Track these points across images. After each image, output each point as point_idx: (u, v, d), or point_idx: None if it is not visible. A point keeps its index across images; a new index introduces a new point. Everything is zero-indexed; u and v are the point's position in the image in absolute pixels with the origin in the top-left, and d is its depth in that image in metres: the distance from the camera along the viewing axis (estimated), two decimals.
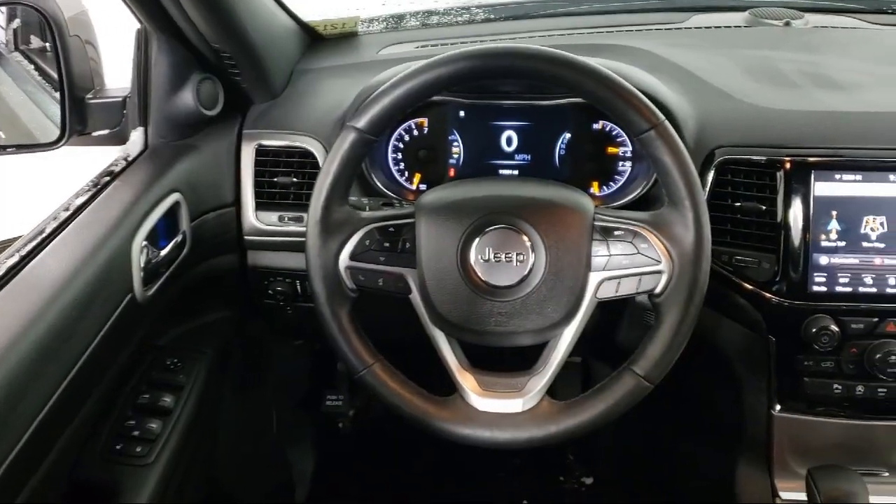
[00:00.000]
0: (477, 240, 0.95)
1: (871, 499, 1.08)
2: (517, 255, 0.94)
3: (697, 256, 0.93)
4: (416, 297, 0.97)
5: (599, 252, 0.95)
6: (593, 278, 0.95)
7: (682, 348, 0.94)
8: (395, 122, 0.97)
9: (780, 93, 1.18)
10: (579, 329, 0.96)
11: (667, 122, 0.93)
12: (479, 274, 0.95)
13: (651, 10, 1.54)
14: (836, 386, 1.09)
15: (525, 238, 0.94)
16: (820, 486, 1.01)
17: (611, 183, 1.21)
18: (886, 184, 1.05)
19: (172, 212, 1.11)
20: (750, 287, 1.08)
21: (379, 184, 1.18)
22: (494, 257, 0.94)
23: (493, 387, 0.97)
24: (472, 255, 0.95)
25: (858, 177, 1.05)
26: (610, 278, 0.95)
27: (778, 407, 1.13)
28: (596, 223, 0.96)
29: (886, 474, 1.16)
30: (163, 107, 1.17)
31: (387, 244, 0.97)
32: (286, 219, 1.20)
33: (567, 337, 0.96)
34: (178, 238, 1.13)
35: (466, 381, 0.97)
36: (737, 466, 1.22)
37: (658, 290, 0.94)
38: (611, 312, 1.21)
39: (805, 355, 1.08)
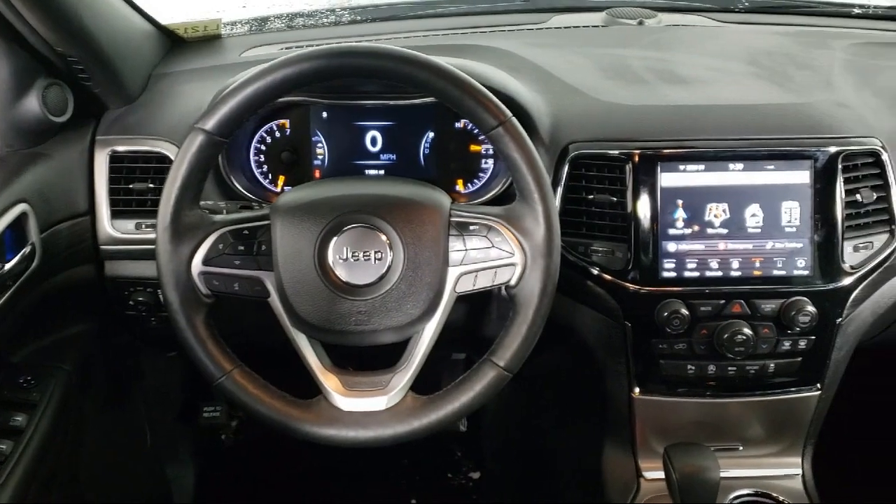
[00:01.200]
0: (334, 239, 0.95)
1: (726, 472, 1.15)
2: (375, 253, 0.95)
3: (548, 248, 0.96)
4: (274, 300, 0.96)
5: (456, 247, 0.96)
6: (451, 273, 0.97)
7: (538, 337, 0.97)
8: (244, 123, 0.96)
9: (630, 89, 1.23)
10: (440, 324, 0.97)
11: (514, 119, 0.95)
12: (338, 273, 0.95)
13: (513, 12, 1.59)
14: (689, 367, 1.14)
15: (382, 236, 0.95)
16: (675, 462, 1.06)
17: (475, 180, 1.23)
18: (726, 172, 1.11)
19: (19, 223, 1.06)
20: (605, 276, 1.12)
21: (239, 186, 1.16)
22: (352, 256, 0.94)
23: (356, 386, 0.97)
24: (330, 255, 0.94)
25: (701, 167, 1.11)
26: (467, 272, 0.97)
27: (637, 390, 1.17)
28: (452, 219, 0.97)
29: (741, 448, 1.23)
30: (6, 115, 1.11)
31: (241, 247, 0.95)
32: (143, 226, 1.16)
33: (429, 332, 0.97)
34: (26, 250, 1.07)
35: (329, 382, 0.97)
36: (603, 449, 1.27)
37: (513, 281, 0.97)
38: (484, 307, 1.23)
39: (659, 339, 1.13)
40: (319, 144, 1.21)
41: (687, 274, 1.11)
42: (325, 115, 1.20)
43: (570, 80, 1.25)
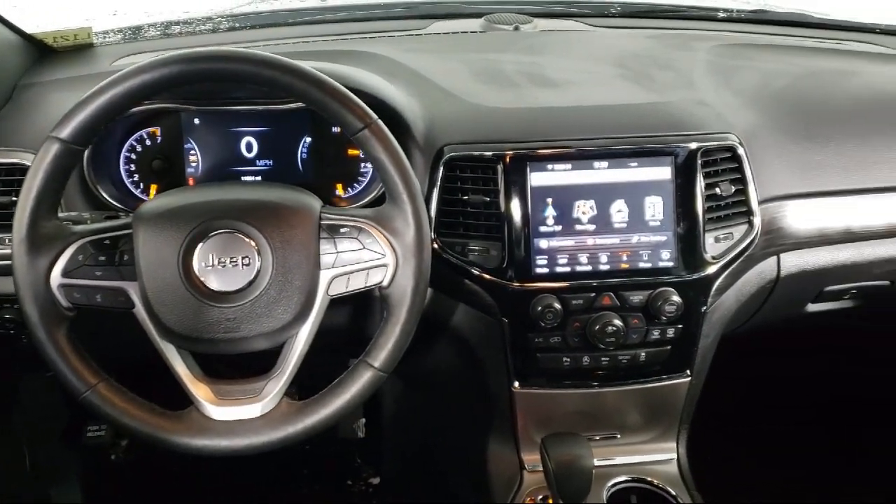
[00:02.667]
0: (199, 246, 0.93)
1: (605, 460, 1.20)
2: (242, 258, 0.94)
3: (418, 248, 0.97)
4: (140, 310, 0.94)
5: (328, 250, 0.97)
6: (324, 276, 0.97)
7: (412, 335, 0.98)
8: (102, 130, 0.94)
9: (503, 92, 1.26)
10: (314, 327, 0.97)
11: (380, 122, 0.96)
12: (204, 281, 0.93)
13: (393, 18, 1.60)
14: (565, 359, 1.17)
15: (250, 241, 0.94)
16: (551, 452, 1.09)
17: (354, 184, 1.24)
18: (592, 171, 1.15)
19: None
20: (481, 274, 1.14)
21: (108, 196, 1.14)
22: (219, 263, 0.93)
23: (229, 395, 0.96)
24: (196, 263, 0.93)
25: (568, 166, 1.14)
26: (340, 275, 0.97)
27: (517, 383, 1.20)
28: (322, 222, 0.98)
29: (618, 436, 1.27)
30: None
31: (102, 258, 0.93)
32: (6, 241, 1.12)
33: (303, 337, 0.97)
34: None
35: (200, 391, 0.96)
36: (488, 445, 1.29)
37: (385, 282, 0.98)
38: (368, 309, 1.24)
39: (535, 333, 1.16)
40: (193, 151, 1.19)
41: (559, 269, 1.14)
42: (197, 121, 1.19)
43: (445, 84, 1.27)
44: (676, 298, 1.15)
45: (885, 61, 1.51)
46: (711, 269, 1.17)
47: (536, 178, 1.14)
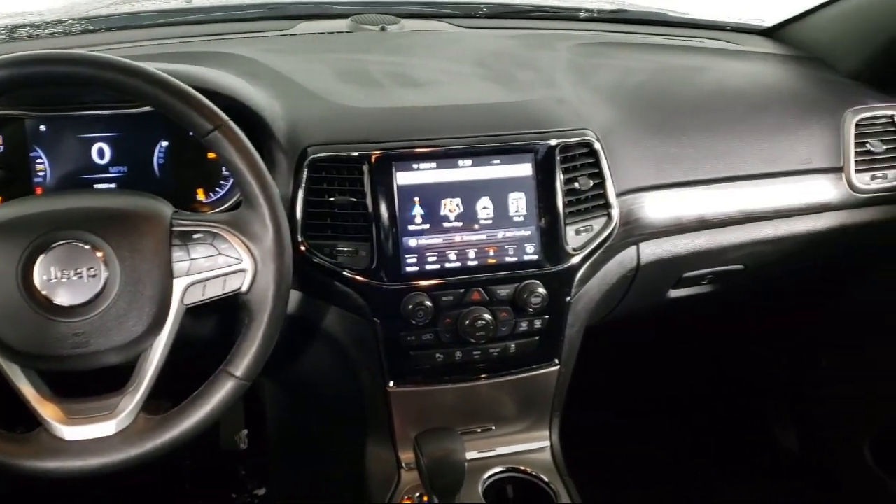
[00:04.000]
0: (40, 258, 0.89)
1: (480, 453, 1.21)
2: (88, 270, 0.90)
3: (278, 250, 0.96)
4: None
5: (181, 257, 0.94)
6: (178, 285, 0.94)
7: (275, 341, 0.97)
8: None
9: (368, 93, 1.26)
10: (170, 339, 0.94)
11: (231, 123, 0.94)
12: (48, 295, 0.89)
13: (259, 19, 1.57)
14: (437, 355, 1.18)
15: (95, 251, 0.90)
16: (423, 448, 1.09)
17: (217, 189, 1.21)
18: (457, 169, 1.16)
19: None
20: (351, 275, 1.13)
21: None
22: (62, 275, 0.89)
23: (81, 413, 0.92)
24: (37, 276, 0.89)
25: (433, 164, 1.15)
26: (195, 283, 0.94)
27: (391, 383, 1.20)
28: (174, 228, 0.95)
29: (493, 428, 1.30)
30: None
31: None
32: None
33: (158, 349, 0.94)
34: None
35: (49, 411, 0.91)
36: (367, 446, 1.29)
37: (244, 288, 0.96)
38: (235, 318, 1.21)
39: (407, 331, 1.16)
40: (39, 160, 1.13)
41: (428, 267, 1.15)
42: (43, 128, 1.13)
43: (309, 84, 1.26)
44: (542, 290, 1.18)
45: (732, 57, 1.59)
46: (573, 261, 1.20)
47: (402, 178, 1.14)
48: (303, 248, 1.11)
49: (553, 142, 1.19)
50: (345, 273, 1.14)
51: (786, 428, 1.98)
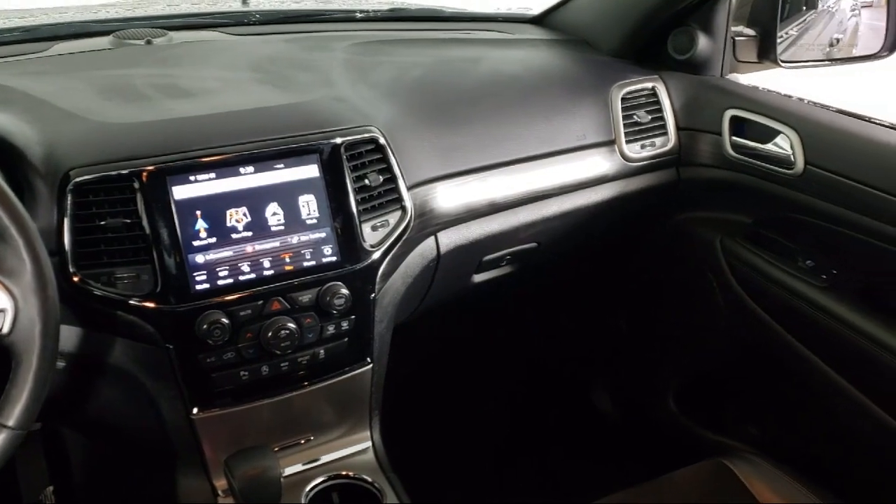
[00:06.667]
0: None
1: (300, 466, 1.17)
2: None
3: (40, 284, 0.87)
4: None
5: None
6: None
7: (49, 383, 0.88)
8: None
9: (134, 108, 1.19)
10: None
11: None
12: None
13: (11, 43, 1.44)
14: (242, 372, 1.13)
15: None
16: (234, 471, 1.04)
17: None
18: (238, 177, 1.11)
19: None
20: (136, 303, 1.06)
21: None
22: None
23: None
24: None
25: (212, 175, 1.10)
26: None
27: (195, 410, 1.14)
28: None
29: (313, 438, 1.26)
30: None
31: None
32: None
33: None
34: None
35: None
36: (178, 481, 1.21)
37: (5, 329, 0.87)
38: None
39: (205, 353, 1.10)
40: None
41: (220, 283, 1.10)
42: None
43: (67, 105, 1.16)
44: (345, 291, 1.16)
45: (505, 46, 1.66)
46: (374, 257, 1.19)
47: (179, 192, 1.08)
48: (76, 278, 1.02)
49: (338, 140, 1.17)
50: (131, 301, 1.06)
51: (601, 394, 2.10)
